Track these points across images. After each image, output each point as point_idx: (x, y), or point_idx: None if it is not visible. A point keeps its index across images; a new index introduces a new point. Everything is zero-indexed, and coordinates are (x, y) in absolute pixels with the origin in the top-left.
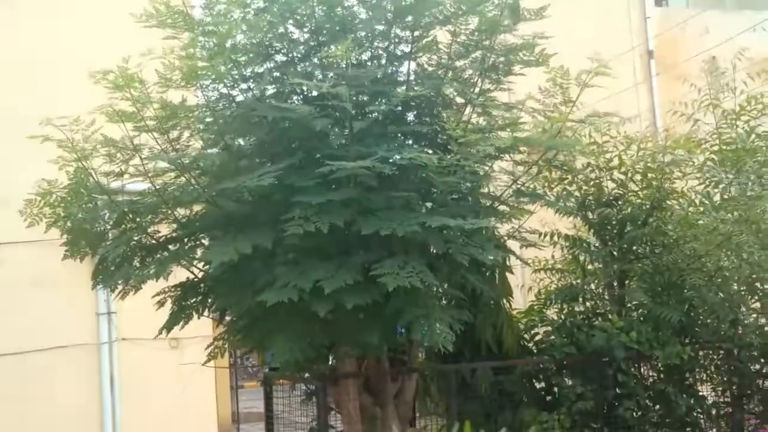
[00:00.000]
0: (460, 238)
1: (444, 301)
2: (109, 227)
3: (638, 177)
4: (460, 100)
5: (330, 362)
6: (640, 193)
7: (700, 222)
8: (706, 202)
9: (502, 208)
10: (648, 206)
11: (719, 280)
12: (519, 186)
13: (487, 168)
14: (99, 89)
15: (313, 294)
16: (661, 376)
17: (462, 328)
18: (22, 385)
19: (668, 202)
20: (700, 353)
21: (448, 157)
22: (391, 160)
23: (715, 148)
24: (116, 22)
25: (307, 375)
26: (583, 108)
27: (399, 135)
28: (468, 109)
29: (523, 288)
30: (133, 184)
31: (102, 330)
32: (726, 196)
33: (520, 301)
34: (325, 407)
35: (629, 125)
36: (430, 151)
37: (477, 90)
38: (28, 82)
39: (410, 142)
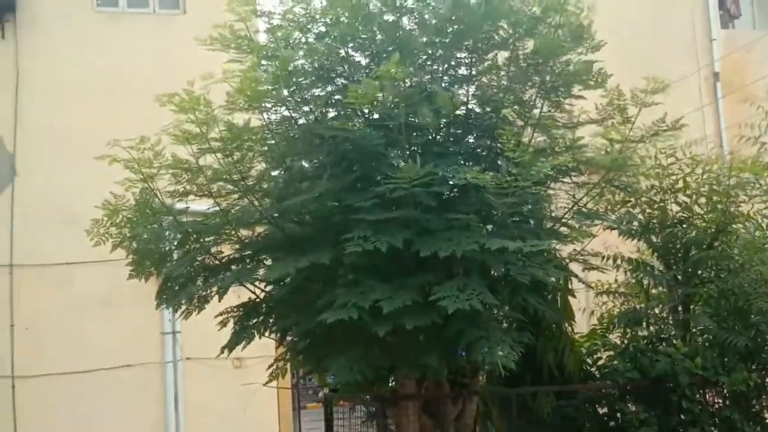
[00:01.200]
0: (520, 260)
1: (505, 324)
2: (173, 247)
3: (703, 200)
4: (520, 122)
5: (390, 384)
6: (705, 216)
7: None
8: None
9: (563, 229)
10: (713, 230)
11: None
12: (581, 207)
13: (544, 189)
14: (163, 112)
15: (373, 315)
16: (727, 402)
17: (523, 352)
18: (88, 404)
19: (734, 225)
20: (767, 380)
21: (507, 178)
22: (451, 182)
23: None
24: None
25: (367, 397)
26: (646, 129)
27: (458, 156)
28: (528, 130)
29: (586, 311)
30: (196, 205)
31: (167, 349)
32: None
33: (582, 325)
34: (384, 429)
35: (695, 148)
36: (490, 173)
37: (537, 112)
38: (99, 104)
39: (470, 163)
